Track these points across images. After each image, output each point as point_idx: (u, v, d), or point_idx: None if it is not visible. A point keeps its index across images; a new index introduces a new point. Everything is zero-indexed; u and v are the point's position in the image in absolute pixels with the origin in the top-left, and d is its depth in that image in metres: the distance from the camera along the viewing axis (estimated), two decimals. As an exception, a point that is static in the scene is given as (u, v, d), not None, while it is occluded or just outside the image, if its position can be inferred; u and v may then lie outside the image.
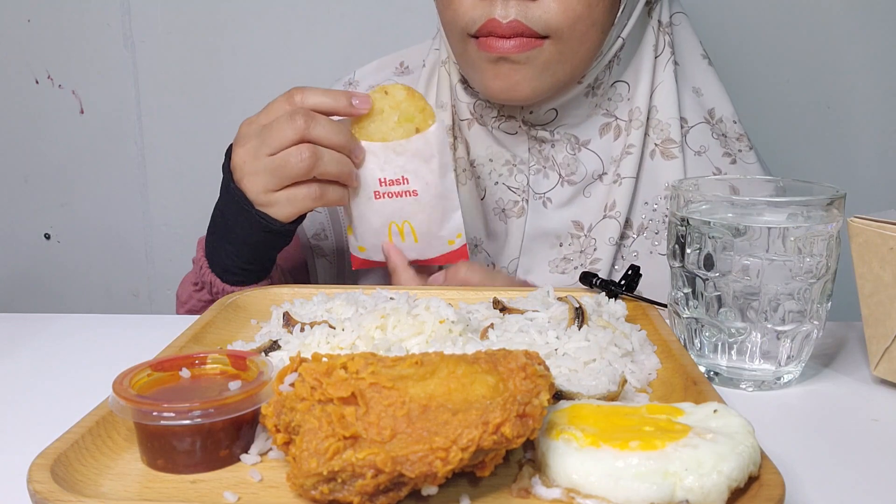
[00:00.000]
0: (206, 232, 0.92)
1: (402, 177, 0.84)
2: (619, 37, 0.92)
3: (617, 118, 0.98)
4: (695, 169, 0.98)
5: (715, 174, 0.97)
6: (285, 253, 0.96)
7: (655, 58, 0.97)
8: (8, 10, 1.64)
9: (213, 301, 0.87)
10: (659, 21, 0.98)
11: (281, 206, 0.83)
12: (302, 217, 0.87)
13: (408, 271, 0.87)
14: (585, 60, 0.90)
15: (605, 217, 0.97)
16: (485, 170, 0.99)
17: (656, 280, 0.85)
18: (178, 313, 0.97)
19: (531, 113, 0.96)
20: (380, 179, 0.84)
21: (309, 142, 0.80)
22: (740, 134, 1.01)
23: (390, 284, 0.87)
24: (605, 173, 0.98)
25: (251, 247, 0.87)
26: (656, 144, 0.97)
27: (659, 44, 0.98)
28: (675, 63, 0.98)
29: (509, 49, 0.85)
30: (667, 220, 0.92)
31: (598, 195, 0.98)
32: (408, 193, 0.84)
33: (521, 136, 0.98)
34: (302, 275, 1.09)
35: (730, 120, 1.01)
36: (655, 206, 0.98)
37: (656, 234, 0.98)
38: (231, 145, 0.86)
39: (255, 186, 0.82)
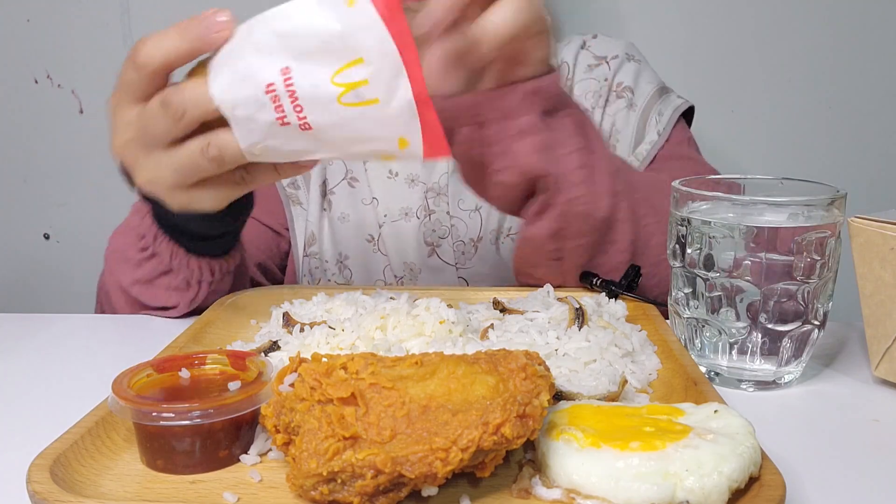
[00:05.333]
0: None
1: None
2: None
3: None
4: (563, 52, 1.16)
5: (581, 47, 1.15)
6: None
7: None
8: (7, 10, 1.64)
9: (167, 271, 0.81)
10: None
11: (203, 201, 0.71)
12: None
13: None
14: None
15: None
16: None
17: None
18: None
19: None
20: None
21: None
22: None
23: None
24: None
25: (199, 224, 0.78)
26: None
27: None
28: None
29: None
30: None
31: None
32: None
33: None
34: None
35: None
36: None
37: None
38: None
39: (161, 190, 0.70)
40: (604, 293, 0.79)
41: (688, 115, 1.15)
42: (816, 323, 0.68)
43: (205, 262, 0.82)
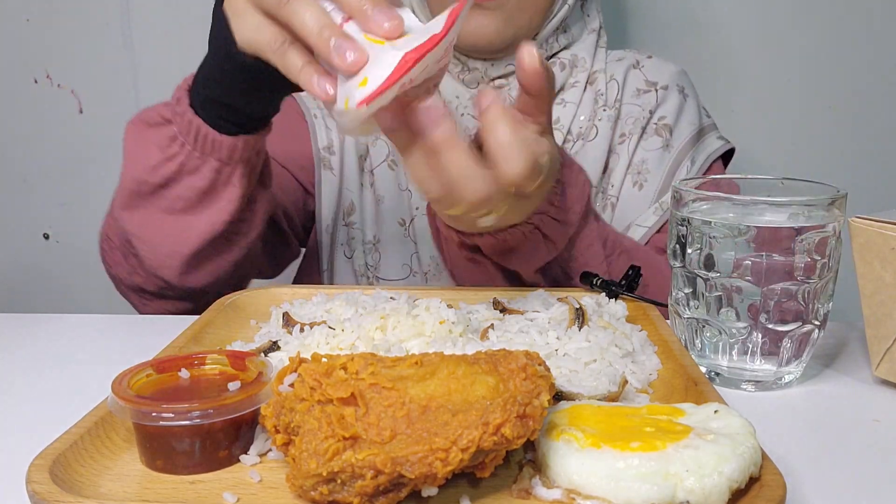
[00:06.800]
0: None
1: None
2: (565, 3, 1.10)
3: (560, 58, 1.14)
4: (614, 67, 1.16)
5: (634, 66, 1.15)
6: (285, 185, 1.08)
7: (597, 41, 1.16)
8: (7, 9, 1.64)
9: (171, 140, 0.84)
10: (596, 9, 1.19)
11: (243, 22, 0.70)
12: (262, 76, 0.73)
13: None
14: (540, 12, 1.07)
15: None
16: (451, 105, 1.08)
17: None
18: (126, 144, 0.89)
19: (492, 65, 1.09)
20: None
21: None
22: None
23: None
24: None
25: (219, 79, 0.81)
26: (589, 83, 1.15)
27: (599, 29, 1.18)
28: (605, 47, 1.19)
29: None
30: (595, 126, 1.11)
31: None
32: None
33: (482, 85, 1.11)
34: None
35: None
36: (589, 118, 1.12)
37: (586, 138, 1.12)
38: None
39: None
40: (604, 293, 0.79)
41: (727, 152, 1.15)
42: (817, 323, 0.68)
43: (198, 119, 0.82)
